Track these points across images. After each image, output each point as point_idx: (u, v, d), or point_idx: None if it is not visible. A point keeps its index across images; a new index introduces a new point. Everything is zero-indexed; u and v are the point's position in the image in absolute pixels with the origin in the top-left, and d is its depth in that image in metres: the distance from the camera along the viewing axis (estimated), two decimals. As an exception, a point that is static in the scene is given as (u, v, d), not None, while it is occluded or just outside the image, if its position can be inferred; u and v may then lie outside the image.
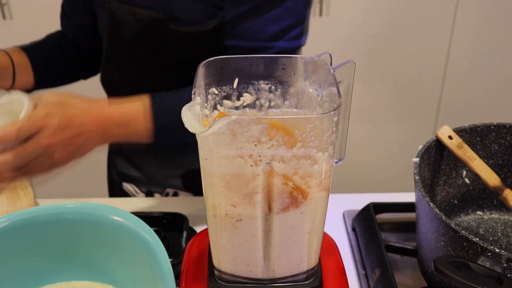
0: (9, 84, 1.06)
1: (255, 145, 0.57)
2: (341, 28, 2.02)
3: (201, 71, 0.63)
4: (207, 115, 0.66)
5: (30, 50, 1.12)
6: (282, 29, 0.94)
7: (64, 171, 0.88)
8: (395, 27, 2.02)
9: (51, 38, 1.19)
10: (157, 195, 1.21)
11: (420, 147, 0.88)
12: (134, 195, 1.24)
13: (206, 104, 0.65)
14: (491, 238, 0.94)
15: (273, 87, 0.67)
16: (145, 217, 0.81)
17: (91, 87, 1.25)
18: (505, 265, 0.69)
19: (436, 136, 0.90)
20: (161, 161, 1.18)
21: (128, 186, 1.24)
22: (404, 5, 1.99)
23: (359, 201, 1.07)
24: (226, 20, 0.95)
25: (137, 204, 1.10)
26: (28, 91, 1.13)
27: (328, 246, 0.76)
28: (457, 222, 0.98)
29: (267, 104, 0.68)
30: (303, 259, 0.66)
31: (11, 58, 1.07)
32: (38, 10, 1.90)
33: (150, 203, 1.10)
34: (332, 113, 0.56)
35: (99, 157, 1.92)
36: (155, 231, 0.66)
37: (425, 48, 2.07)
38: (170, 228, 0.97)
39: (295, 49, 0.98)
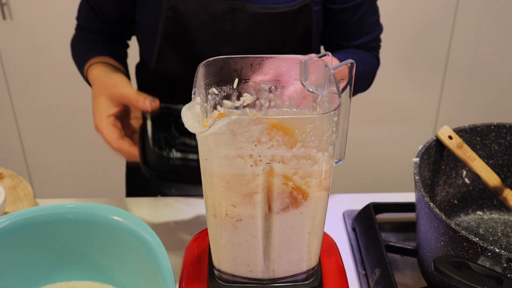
0: None
1: (255, 145, 0.57)
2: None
3: (201, 71, 0.63)
4: (207, 115, 0.66)
5: (108, 52, 1.11)
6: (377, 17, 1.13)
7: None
8: (395, 27, 2.02)
9: (94, 37, 1.16)
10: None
11: (420, 147, 0.88)
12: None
13: (206, 104, 0.65)
14: (491, 238, 0.94)
15: (273, 87, 0.67)
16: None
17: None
18: (505, 265, 0.69)
19: (436, 136, 0.90)
20: None
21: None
22: (404, 5, 1.99)
23: (359, 201, 1.07)
24: (350, 22, 1.08)
25: (138, 204, 1.10)
26: None
27: (328, 246, 0.76)
28: (457, 222, 0.98)
29: (267, 104, 0.68)
30: (303, 259, 0.66)
31: (121, 68, 1.08)
32: (38, 10, 1.90)
33: (148, 203, 1.10)
34: (332, 113, 0.56)
35: (99, 158, 1.92)
36: None
37: (425, 48, 2.07)
38: None
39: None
